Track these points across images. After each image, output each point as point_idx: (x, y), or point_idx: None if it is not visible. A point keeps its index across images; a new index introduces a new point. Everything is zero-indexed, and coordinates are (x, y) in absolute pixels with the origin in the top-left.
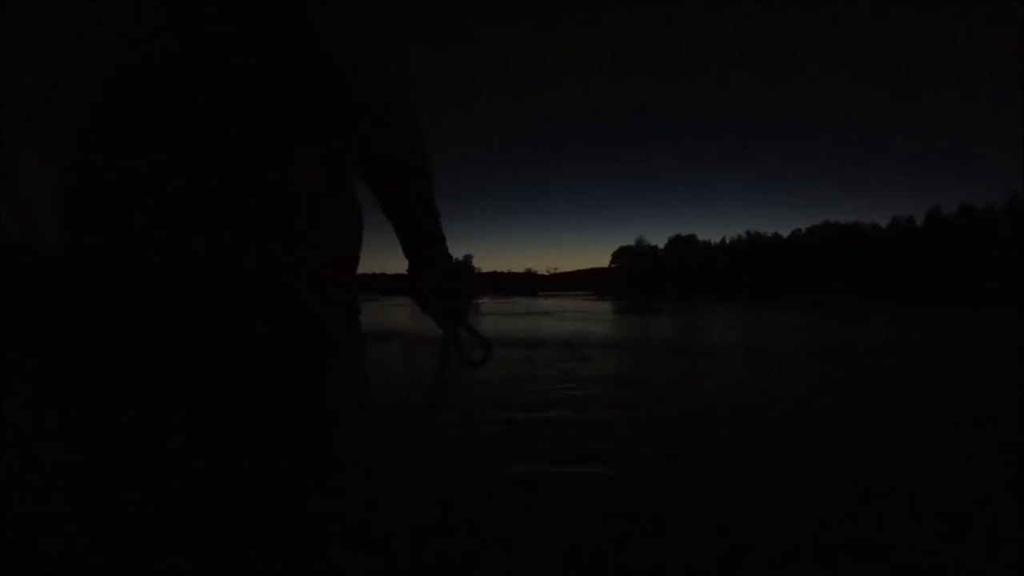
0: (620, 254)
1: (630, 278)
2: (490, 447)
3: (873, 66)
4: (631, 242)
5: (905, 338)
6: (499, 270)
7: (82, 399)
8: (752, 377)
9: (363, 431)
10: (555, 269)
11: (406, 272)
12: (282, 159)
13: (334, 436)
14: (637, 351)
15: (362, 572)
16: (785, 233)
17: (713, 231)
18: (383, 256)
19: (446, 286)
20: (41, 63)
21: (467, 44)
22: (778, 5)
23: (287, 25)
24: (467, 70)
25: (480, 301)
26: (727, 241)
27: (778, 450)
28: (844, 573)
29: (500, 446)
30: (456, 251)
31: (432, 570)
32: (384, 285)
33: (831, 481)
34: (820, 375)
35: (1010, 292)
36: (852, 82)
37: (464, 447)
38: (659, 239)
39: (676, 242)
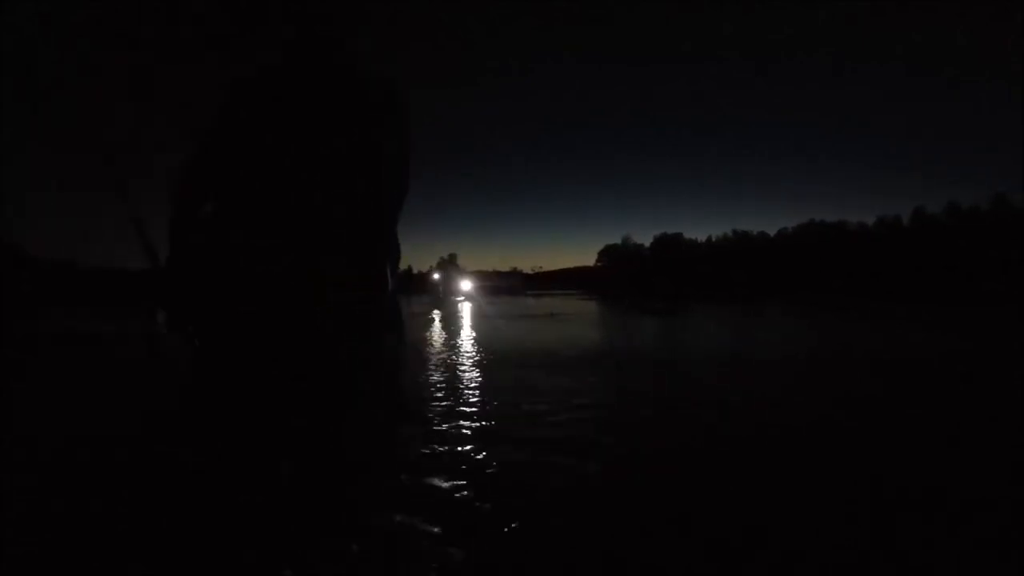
0: (606, 253)
1: (626, 277)
2: None
3: (863, 66)
4: (616, 240)
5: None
6: (484, 269)
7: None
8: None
9: (363, 431)
10: (540, 268)
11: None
12: (282, 159)
13: (334, 437)
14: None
15: (363, 572)
16: (772, 232)
17: (699, 230)
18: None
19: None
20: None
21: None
22: (776, 5)
23: (286, 25)
24: (464, 70)
25: (471, 301)
26: (713, 239)
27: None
28: (845, 573)
29: None
30: (442, 250)
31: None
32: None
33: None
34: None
35: (1010, 292)
36: (841, 84)
37: None
38: (644, 238)
39: (662, 240)
